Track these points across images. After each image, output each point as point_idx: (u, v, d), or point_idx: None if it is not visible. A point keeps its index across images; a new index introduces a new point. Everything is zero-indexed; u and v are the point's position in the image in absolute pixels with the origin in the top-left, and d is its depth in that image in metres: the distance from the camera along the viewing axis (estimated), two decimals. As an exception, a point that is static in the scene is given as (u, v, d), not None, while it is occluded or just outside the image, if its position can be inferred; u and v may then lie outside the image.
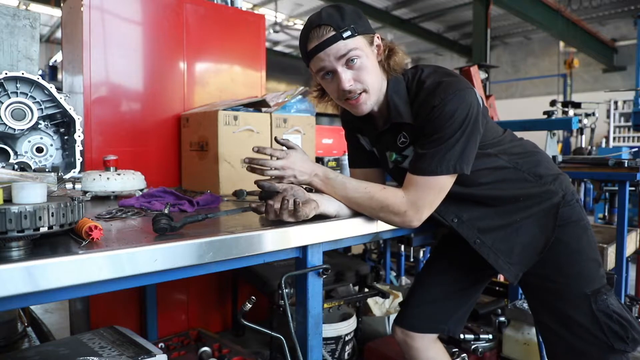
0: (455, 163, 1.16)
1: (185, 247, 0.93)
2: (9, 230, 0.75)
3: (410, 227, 1.23)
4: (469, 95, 1.16)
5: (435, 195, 1.20)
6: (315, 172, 1.25)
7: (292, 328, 1.19)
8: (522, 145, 1.39)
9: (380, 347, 2.15)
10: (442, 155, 1.15)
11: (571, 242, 1.31)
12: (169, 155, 2.45)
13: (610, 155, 2.63)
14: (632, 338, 1.24)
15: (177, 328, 2.50)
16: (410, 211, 1.19)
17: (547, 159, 1.39)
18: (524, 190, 1.31)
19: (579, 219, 1.33)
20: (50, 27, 12.50)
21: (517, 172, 1.32)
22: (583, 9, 10.97)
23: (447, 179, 1.19)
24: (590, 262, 1.31)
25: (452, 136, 1.14)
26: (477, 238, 1.34)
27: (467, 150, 1.17)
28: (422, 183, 1.18)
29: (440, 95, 1.15)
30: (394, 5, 11.61)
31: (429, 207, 1.21)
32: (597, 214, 6.10)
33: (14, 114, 1.45)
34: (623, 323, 1.25)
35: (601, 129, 9.09)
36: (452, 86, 1.16)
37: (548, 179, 1.33)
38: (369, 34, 1.20)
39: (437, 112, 1.15)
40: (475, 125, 1.17)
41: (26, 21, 1.57)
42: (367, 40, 1.20)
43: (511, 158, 1.33)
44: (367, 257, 3.65)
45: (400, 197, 1.20)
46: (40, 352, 1.30)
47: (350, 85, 1.19)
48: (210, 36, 2.62)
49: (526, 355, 2.16)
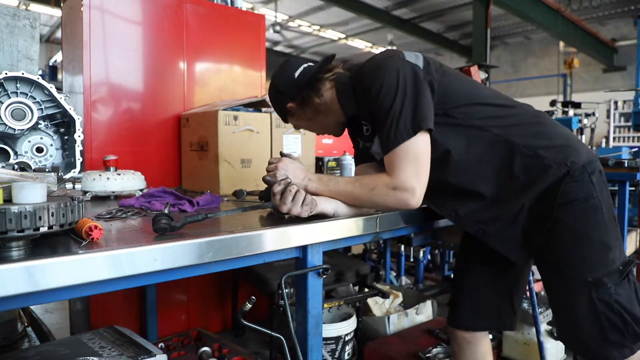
0: (411, 124, 1.16)
1: (185, 247, 0.93)
2: (9, 230, 0.75)
3: (409, 204, 1.18)
4: (392, 62, 1.22)
5: (413, 164, 1.16)
6: (309, 177, 1.31)
7: (292, 328, 1.19)
8: (518, 114, 1.30)
9: (380, 347, 2.15)
10: (395, 125, 1.17)
11: (574, 223, 1.20)
12: (169, 155, 2.45)
13: (610, 155, 2.63)
14: (633, 332, 1.19)
15: (177, 328, 2.50)
16: (398, 188, 1.17)
17: (550, 129, 1.27)
18: (525, 167, 1.22)
19: (588, 196, 1.19)
20: (50, 27, 12.50)
21: (509, 144, 1.23)
22: (583, 9, 10.96)
23: (414, 143, 1.17)
24: (596, 246, 1.20)
25: (392, 103, 1.17)
26: (478, 228, 1.33)
27: (419, 109, 1.17)
28: (394, 158, 1.18)
29: (367, 78, 1.25)
30: (394, 5, 11.60)
31: (415, 178, 1.17)
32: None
33: (14, 114, 1.45)
34: (624, 316, 1.18)
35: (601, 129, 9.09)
36: (375, 64, 1.26)
37: (547, 152, 1.21)
38: (286, 112, 1.48)
39: (370, 91, 1.22)
40: (416, 85, 1.18)
41: (26, 21, 1.57)
42: (290, 115, 1.48)
43: (503, 130, 1.24)
44: (367, 257, 3.65)
45: (384, 177, 1.21)
46: (40, 352, 1.30)
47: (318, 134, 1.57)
48: (210, 36, 2.62)
49: (526, 355, 2.16)
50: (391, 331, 2.35)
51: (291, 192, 1.16)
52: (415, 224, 1.53)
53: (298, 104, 1.41)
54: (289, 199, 1.16)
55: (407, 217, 1.46)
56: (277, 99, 1.46)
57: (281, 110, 1.49)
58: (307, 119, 1.45)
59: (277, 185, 1.18)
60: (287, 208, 1.16)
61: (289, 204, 1.16)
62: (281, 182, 1.19)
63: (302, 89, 1.38)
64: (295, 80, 1.37)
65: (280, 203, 1.17)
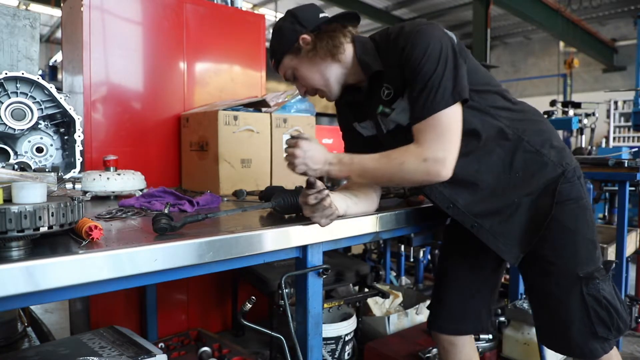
0: (450, 93, 1.13)
1: (185, 247, 0.93)
2: (9, 230, 0.75)
3: (440, 176, 1.15)
4: (433, 29, 1.17)
5: (446, 135, 1.13)
6: (329, 161, 1.23)
7: (292, 328, 1.19)
8: (524, 110, 1.32)
9: (380, 347, 2.15)
10: (434, 92, 1.13)
11: (568, 221, 1.25)
12: (169, 155, 2.45)
13: (610, 155, 2.63)
14: (617, 327, 1.25)
15: (177, 328, 2.50)
16: (429, 159, 1.13)
17: (551, 131, 1.32)
18: (525, 162, 1.25)
19: (578, 197, 1.26)
20: (50, 27, 12.50)
21: (515, 137, 1.25)
22: (583, 9, 10.96)
23: (450, 113, 1.14)
24: (586, 243, 1.27)
25: (435, 70, 1.13)
26: (474, 222, 1.31)
27: (458, 78, 1.15)
28: (427, 127, 1.14)
29: (404, 37, 1.18)
30: (394, 5, 11.61)
31: (447, 149, 1.14)
32: (597, 214, 6.10)
33: (14, 114, 1.45)
34: (610, 310, 1.24)
35: (601, 129, 9.07)
36: (415, 26, 1.19)
37: (547, 151, 1.26)
38: (292, 45, 1.29)
39: (409, 53, 1.15)
40: (455, 56, 1.16)
41: (26, 21, 1.57)
42: (293, 53, 1.31)
43: (511, 122, 1.26)
44: (367, 257, 3.65)
45: (412, 148, 1.16)
46: (40, 352, 1.30)
47: (304, 93, 1.38)
48: (210, 36, 2.62)
49: (526, 355, 2.15)
50: (391, 331, 2.35)
51: (324, 207, 1.13)
52: (415, 224, 1.53)
53: (315, 37, 1.27)
54: (319, 212, 1.13)
55: (407, 217, 1.46)
56: (290, 27, 1.29)
57: (287, 42, 1.30)
58: (312, 60, 1.30)
59: (311, 197, 1.13)
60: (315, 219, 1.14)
61: (319, 216, 1.14)
62: (317, 196, 1.13)
63: (324, 24, 1.28)
64: (320, 18, 1.29)
65: (310, 213, 1.14)
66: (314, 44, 1.27)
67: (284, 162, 1.27)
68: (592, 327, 1.24)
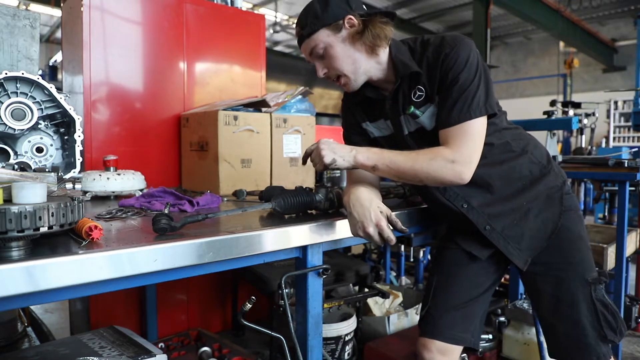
0: (484, 104, 1.20)
1: (185, 247, 0.93)
2: (9, 230, 0.75)
3: (462, 179, 1.20)
4: (470, 43, 1.23)
5: (475, 141, 1.21)
6: (355, 149, 1.24)
7: (292, 328, 1.19)
8: (520, 131, 1.42)
9: (380, 347, 2.15)
10: (470, 100, 1.19)
11: (574, 228, 1.34)
12: (169, 155, 2.45)
13: (610, 155, 2.63)
14: (620, 330, 1.30)
15: (177, 328, 2.50)
16: (458, 161, 1.18)
17: (544, 148, 1.44)
18: (530, 171, 1.34)
19: (577, 207, 1.39)
20: (50, 27, 12.49)
21: (520, 150, 1.35)
22: (583, 9, 10.95)
23: (480, 122, 1.21)
24: (589, 250, 1.37)
25: (472, 81, 1.19)
26: (487, 224, 1.34)
27: (489, 92, 1.22)
28: (460, 132, 1.20)
29: (449, 44, 1.22)
30: (394, 5, 11.59)
31: (474, 155, 1.20)
32: (597, 214, 6.10)
33: (14, 114, 1.45)
34: (615, 314, 1.30)
35: (601, 129, 9.07)
36: (457, 36, 1.24)
37: (550, 163, 1.38)
38: (335, 21, 1.23)
39: (451, 60, 1.20)
40: (486, 70, 1.23)
41: (26, 21, 1.57)
42: (332, 29, 1.24)
43: (514, 138, 1.36)
44: (367, 257, 3.65)
45: (442, 149, 1.21)
46: (40, 352, 1.30)
47: (324, 74, 1.31)
48: (210, 36, 2.62)
49: (526, 355, 2.15)
50: (391, 331, 2.35)
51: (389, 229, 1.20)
52: (415, 224, 1.53)
53: (360, 23, 1.23)
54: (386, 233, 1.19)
55: (407, 217, 1.46)
56: (339, 2, 1.23)
57: (331, 16, 1.23)
58: (350, 44, 1.25)
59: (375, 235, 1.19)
60: None
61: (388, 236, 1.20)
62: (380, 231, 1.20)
63: (373, 14, 1.25)
64: (365, 7, 1.28)
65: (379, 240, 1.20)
66: (359, 29, 1.24)
67: (284, 162, 1.28)
68: (602, 331, 1.29)
